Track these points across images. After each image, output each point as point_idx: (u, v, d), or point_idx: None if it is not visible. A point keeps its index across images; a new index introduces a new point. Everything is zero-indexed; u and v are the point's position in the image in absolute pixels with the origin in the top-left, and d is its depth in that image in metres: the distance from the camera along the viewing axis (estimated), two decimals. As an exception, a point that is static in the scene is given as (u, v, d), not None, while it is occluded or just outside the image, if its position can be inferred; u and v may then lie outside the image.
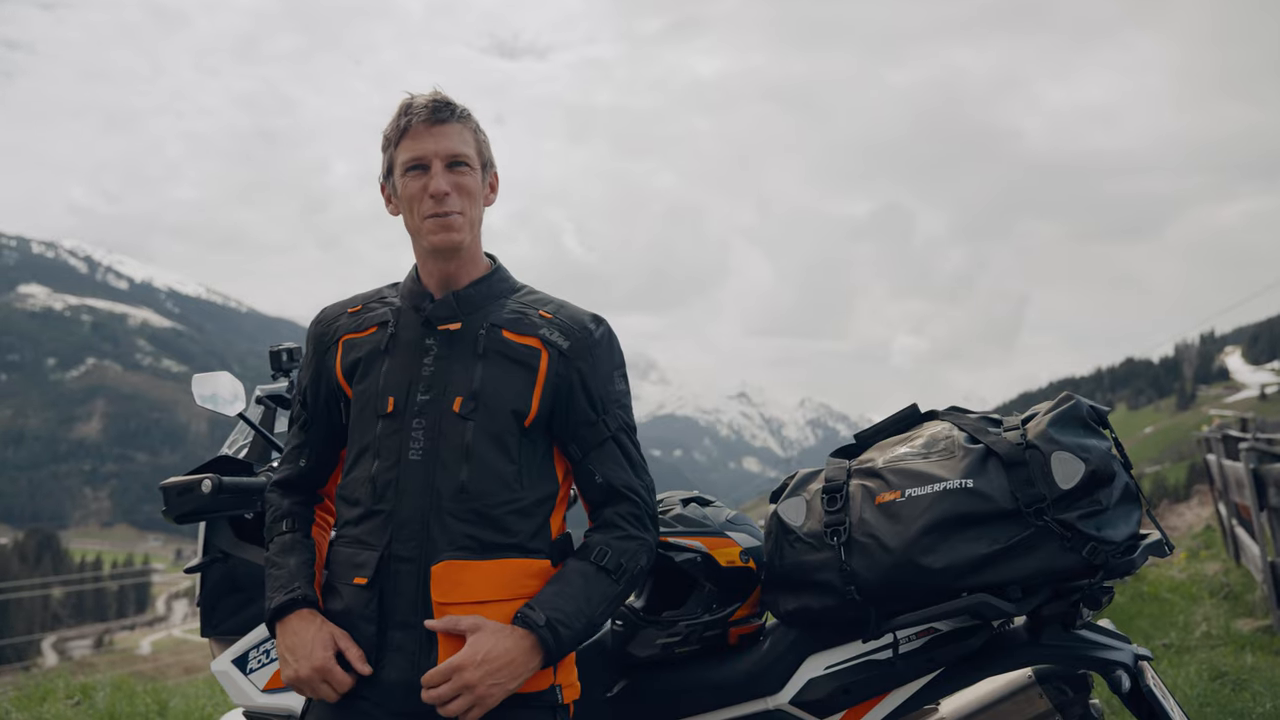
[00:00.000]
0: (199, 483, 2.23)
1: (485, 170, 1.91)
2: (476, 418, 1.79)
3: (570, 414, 1.85)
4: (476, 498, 1.77)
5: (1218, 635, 6.03)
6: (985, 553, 1.81)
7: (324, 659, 1.76)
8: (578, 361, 1.85)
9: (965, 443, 1.92)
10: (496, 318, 1.87)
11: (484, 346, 1.83)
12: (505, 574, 1.78)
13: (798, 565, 1.97)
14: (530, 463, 1.84)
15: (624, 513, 1.85)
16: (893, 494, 1.90)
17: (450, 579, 1.76)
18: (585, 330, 1.88)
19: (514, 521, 1.80)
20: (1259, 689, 4.56)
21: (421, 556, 1.77)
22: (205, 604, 2.42)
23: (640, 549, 1.84)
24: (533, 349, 1.84)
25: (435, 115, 1.83)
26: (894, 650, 1.97)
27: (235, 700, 2.32)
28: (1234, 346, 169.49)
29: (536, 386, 1.83)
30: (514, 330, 1.85)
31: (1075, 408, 1.90)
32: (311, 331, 1.98)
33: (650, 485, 1.90)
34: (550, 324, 1.87)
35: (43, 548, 73.93)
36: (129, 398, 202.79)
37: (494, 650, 1.69)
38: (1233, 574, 8.04)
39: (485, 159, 1.91)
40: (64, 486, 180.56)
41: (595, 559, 1.80)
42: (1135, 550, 1.82)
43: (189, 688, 6.40)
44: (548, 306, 1.91)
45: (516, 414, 1.82)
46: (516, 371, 1.83)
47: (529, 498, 1.82)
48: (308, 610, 1.82)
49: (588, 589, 1.78)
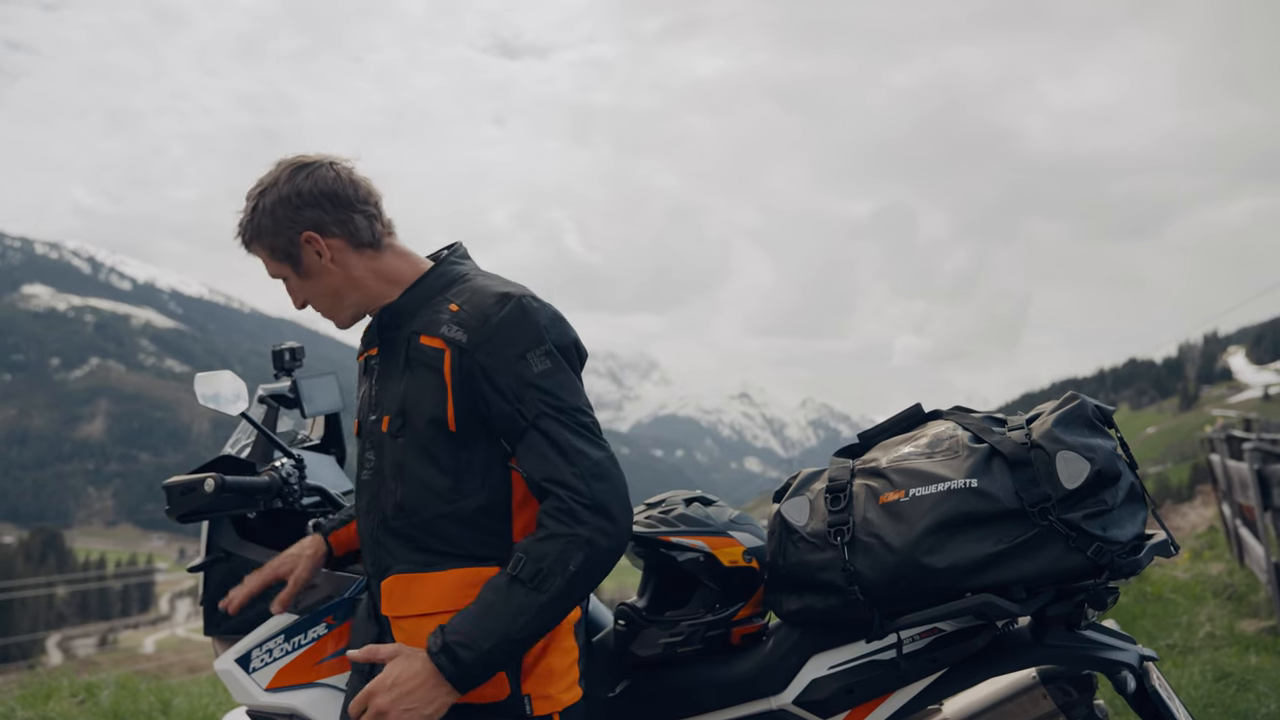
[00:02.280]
0: (202, 482, 2.23)
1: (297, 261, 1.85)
2: (405, 434, 1.79)
3: (490, 411, 1.74)
4: (413, 512, 1.80)
5: (1222, 636, 6.02)
6: (990, 553, 1.80)
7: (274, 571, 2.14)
8: (476, 354, 1.73)
9: (969, 442, 1.91)
10: (418, 324, 1.81)
11: (406, 358, 1.81)
12: (452, 584, 1.78)
13: (801, 565, 1.97)
14: (469, 470, 1.77)
15: (549, 509, 1.70)
16: (897, 493, 1.90)
17: (399, 592, 1.82)
18: (483, 316, 1.74)
19: (455, 531, 1.78)
20: (1263, 690, 4.55)
21: (377, 572, 1.87)
22: (208, 603, 2.42)
23: (568, 547, 1.66)
24: (437, 350, 1.76)
25: (243, 243, 1.90)
26: (898, 650, 1.96)
27: (238, 699, 2.32)
28: (1237, 347, 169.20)
29: (447, 390, 1.75)
30: (427, 333, 1.79)
31: (1080, 407, 1.89)
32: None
33: (594, 470, 1.69)
34: (455, 317, 1.76)
35: (47, 547, 74.06)
36: (132, 398, 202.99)
37: (403, 674, 1.68)
38: (1236, 575, 8.02)
39: (292, 254, 1.84)
40: (68, 486, 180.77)
41: (511, 569, 1.69)
42: (1141, 550, 1.81)
43: (192, 686, 6.41)
44: (461, 296, 1.79)
45: (435, 423, 1.76)
46: (430, 378, 1.76)
47: (468, 506, 1.78)
48: (314, 535, 2.18)
49: (499, 605, 1.67)
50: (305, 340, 3.18)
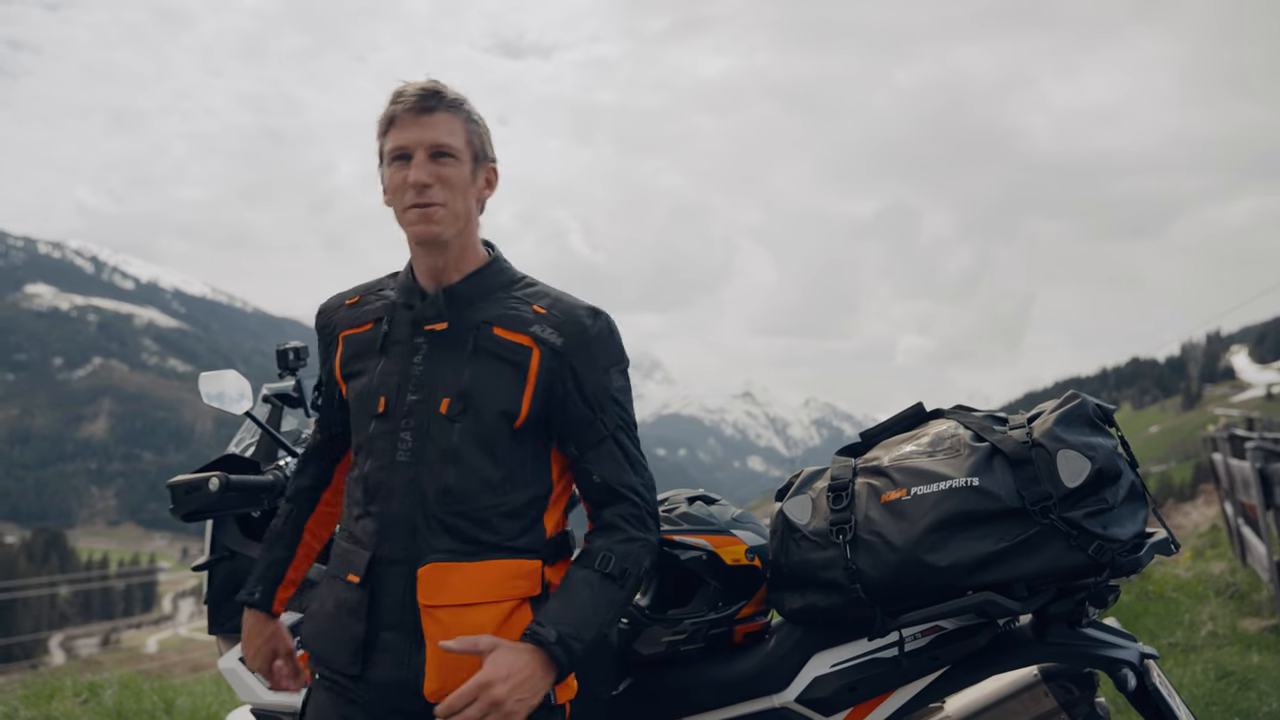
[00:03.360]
0: (206, 481, 2.24)
1: (478, 162, 1.83)
2: (464, 420, 1.77)
3: (566, 413, 1.80)
4: (461, 500, 1.76)
5: (1223, 634, 6.01)
6: (991, 551, 1.81)
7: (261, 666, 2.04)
8: (571, 359, 1.79)
9: (971, 441, 1.92)
10: (489, 314, 1.81)
11: (474, 345, 1.79)
12: (493, 575, 1.77)
13: (803, 563, 1.97)
14: (519, 464, 1.81)
15: (624, 514, 1.81)
16: (898, 492, 1.90)
17: (437, 581, 1.75)
18: (580, 325, 1.80)
19: (501, 523, 1.78)
20: (1265, 688, 4.55)
21: (409, 558, 1.76)
22: (212, 602, 2.43)
23: (643, 550, 1.81)
24: (524, 347, 1.79)
25: (422, 104, 1.77)
26: (899, 648, 1.97)
27: (242, 697, 2.33)
28: (1240, 346, 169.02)
29: (527, 386, 1.78)
30: (505, 327, 1.80)
31: (1081, 406, 1.89)
32: (316, 323, 1.99)
33: (650, 483, 1.86)
34: (543, 319, 1.81)
35: (50, 546, 74.11)
36: (135, 397, 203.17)
37: (515, 665, 1.67)
38: (1238, 573, 8.02)
39: (477, 150, 1.83)
40: (70, 485, 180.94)
41: (599, 566, 1.77)
42: (1141, 549, 1.81)
43: (195, 685, 6.42)
44: (543, 300, 1.84)
45: (506, 415, 1.78)
46: (507, 371, 1.78)
47: (517, 500, 1.80)
48: (257, 613, 2.03)
49: (594, 598, 1.75)
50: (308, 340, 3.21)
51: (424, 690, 1.75)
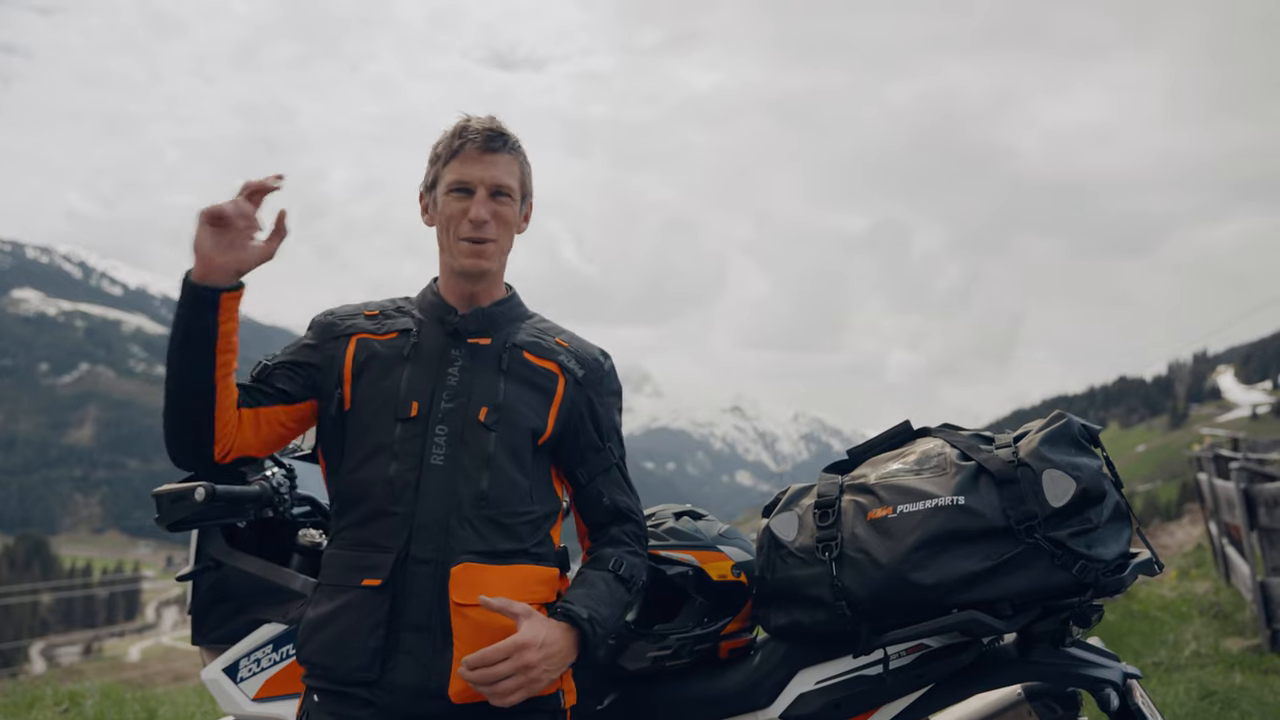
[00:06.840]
0: (192, 491, 2.22)
1: (524, 201, 1.99)
2: (499, 429, 1.86)
3: (579, 439, 1.96)
4: (494, 505, 1.84)
5: (1207, 654, 6.04)
6: (976, 569, 1.82)
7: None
8: (589, 390, 1.97)
9: (957, 460, 1.93)
10: (517, 339, 1.96)
11: (507, 364, 1.92)
12: (519, 578, 1.85)
13: (789, 580, 1.98)
14: (540, 478, 1.93)
15: (629, 532, 1.98)
16: (884, 510, 1.91)
17: (469, 580, 1.80)
18: (597, 362, 2.01)
19: (525, 531, 1.87)
20: (1248, 708, 4.57)
21: (441, 558, 1.80)
22: (196, 612, 2.41)
23: (643, 565, 1.96)
24: (551, 373, 1.95)
25: (489, 144, 1.90)
26: (884, 666, 1.97)
27: (225, 709, 2.31)
28: (1226, 366, 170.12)
29: (552, 408, 1.93)
30: (534, 353, 1.95)
31: (1067, 426, 1.91)
32: (318, 319, 2.00)
33: (641, 507, 2.04)
34: (567, 352, 1.99)
35: (32, 553, 73.58)
36: (121, 404, 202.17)
37: (549, 636, 1.75)
38: (1223, 593, 8.05)
39: (526, 190, 1.99)
40: (55, 492, 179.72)
41: (613, 568, 1.90)
42: (1125, 568, 1.83)
43: (178, 695, 6.38)
44: (562, 335, 2.03)
45: (533, 431, 1.90)
46: (534, 392, 1.92)
47: (538, 511, 1.90)
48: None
49: (611, 594, 1.87)
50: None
51: (448, 691, 1.77)
